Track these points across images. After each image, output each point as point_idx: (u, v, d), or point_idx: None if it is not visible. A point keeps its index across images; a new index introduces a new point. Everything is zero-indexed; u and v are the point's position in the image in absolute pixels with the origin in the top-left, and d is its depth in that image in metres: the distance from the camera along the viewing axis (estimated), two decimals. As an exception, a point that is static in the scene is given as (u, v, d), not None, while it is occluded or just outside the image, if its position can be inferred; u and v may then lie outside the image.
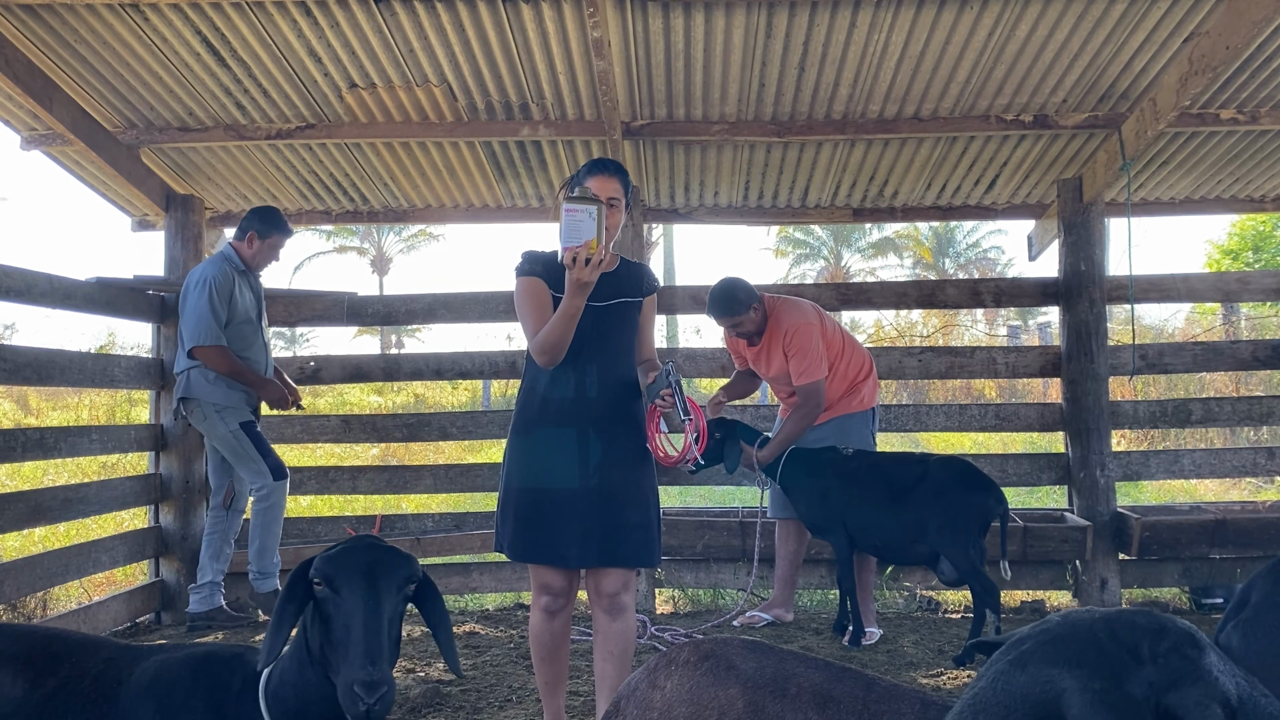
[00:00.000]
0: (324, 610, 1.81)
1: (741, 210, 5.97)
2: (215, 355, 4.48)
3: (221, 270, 4.57)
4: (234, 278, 4.62)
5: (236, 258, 4.69)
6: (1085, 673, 1.10)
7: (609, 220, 2.77)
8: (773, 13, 4.23)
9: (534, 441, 2.82)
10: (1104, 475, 5.11)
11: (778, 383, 4.62)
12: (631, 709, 1.82)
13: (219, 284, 4.52)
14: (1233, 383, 11.22)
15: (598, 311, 2.80)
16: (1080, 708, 1.08)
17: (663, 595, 5.36)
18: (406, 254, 40.61)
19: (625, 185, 2.89)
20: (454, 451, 10.76)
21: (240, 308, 4.62)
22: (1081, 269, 5.21)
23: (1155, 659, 1.10)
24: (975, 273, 35.71)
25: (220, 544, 4.72)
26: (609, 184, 2.82)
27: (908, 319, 16.18)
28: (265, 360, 4.75)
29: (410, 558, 1.90)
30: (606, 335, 2.84)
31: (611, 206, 2.80)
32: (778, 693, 1.65)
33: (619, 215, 2.85)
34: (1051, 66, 4.59)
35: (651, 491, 2.90)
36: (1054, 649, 1.13)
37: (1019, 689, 1.13)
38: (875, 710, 1.58)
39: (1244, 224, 14.67)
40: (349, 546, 1.86)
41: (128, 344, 17.83)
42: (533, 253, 2.89)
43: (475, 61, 4.55)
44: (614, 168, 2.87)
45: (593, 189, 2.79)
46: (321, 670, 1.82)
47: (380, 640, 1.75)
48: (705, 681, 1.72)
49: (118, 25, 4.29)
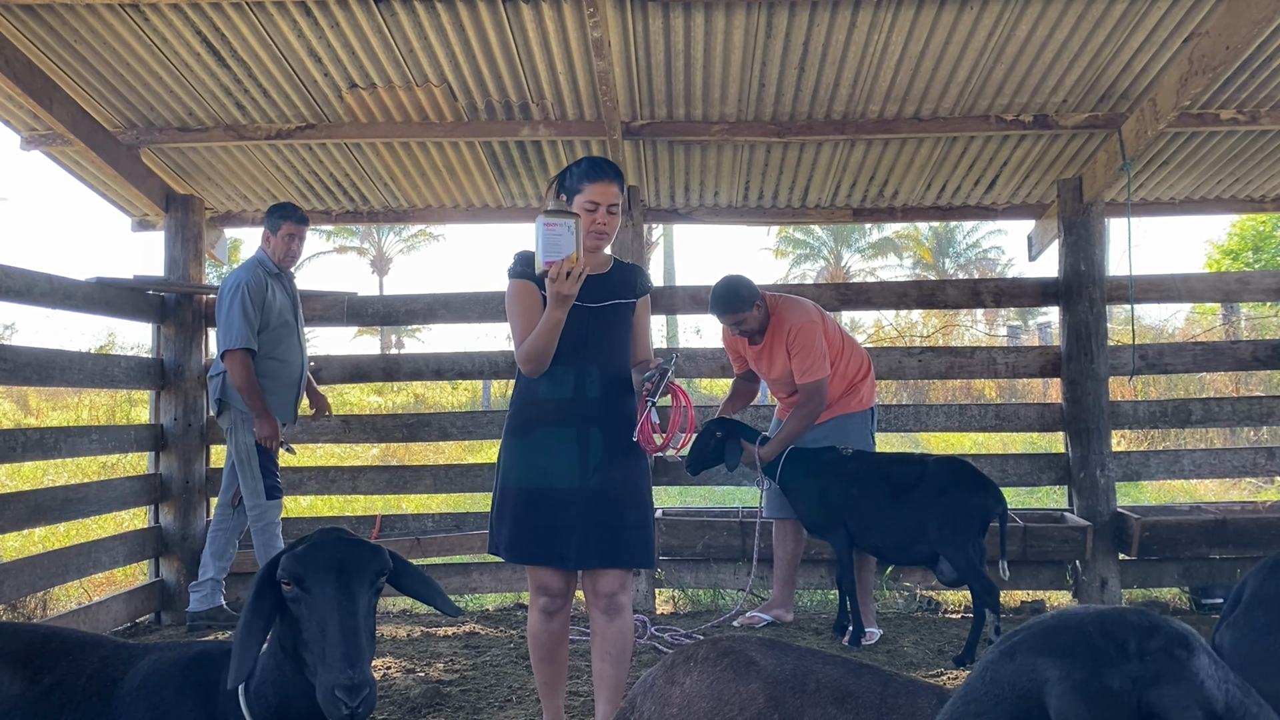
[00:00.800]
0: (295, 610, 1.76)
1: (741, 210, 5.97)
2: (237, 361, 4.50)
3: (254, 274, 4.62)
4: (266, 281, 4.65)
5: (268, 260, 4.73)
6: (1069, 662, 1.10)
7: (608, 225, 2.79)
8: (773, 13, 4.23)
9: (531, 442, 2.80)
10: (1104, 475, 5.11)
11: (778, 384, 4.61)
12: (648, 705, 1.82)
13: (251, 288, 4.56)
14: (1233, 383, 11.22)
15: (591, 313, 2.79)
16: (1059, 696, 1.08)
17: (663, 595, 5.36)
18: (406, 254, 40.63)
19: (623, 188, 2.87)
20: (454, 451, 10.76)
21: (274, 310, 4.66)
22: (1081, 269, 5.21)
23: (1142, 655, 1.09)
24: (975, 273, 35.70)
25: (225, 543, 4.73)
26: (609, 189, 2.78)
27: (908, 319, 16.18)
28: (300, 363, 4.79)
29: (379, 549, 1.84)
30: (601, 336, 2.82)
31: (611, 213, 2.79)
32: (798, 688, 1.67)
33: (617, 220, 2.84)
34: (1051, 66, 4.59)
35: (648, 491, 2.90)
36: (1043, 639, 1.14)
37: (1007, 677, 1.14)
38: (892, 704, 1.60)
39: (1244, 224, 14.67)
40: (317, 542, 1.79)
41: (128, 344, 17.86)
42: (525, 253, 2.85)
43: (475, 61, 4.55)
44: (614, 172, 2.82)
45: (594, 195, 2.76)
46: (297, 667, 1.78)
47: (358, 640, 1.69)
48: (726, 677, 1.74)
49: (118, 25, 4.28)
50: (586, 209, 2.77)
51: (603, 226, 2.79)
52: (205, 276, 5.53)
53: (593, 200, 2.77)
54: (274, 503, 4.67)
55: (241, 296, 4.51)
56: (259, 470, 4.61)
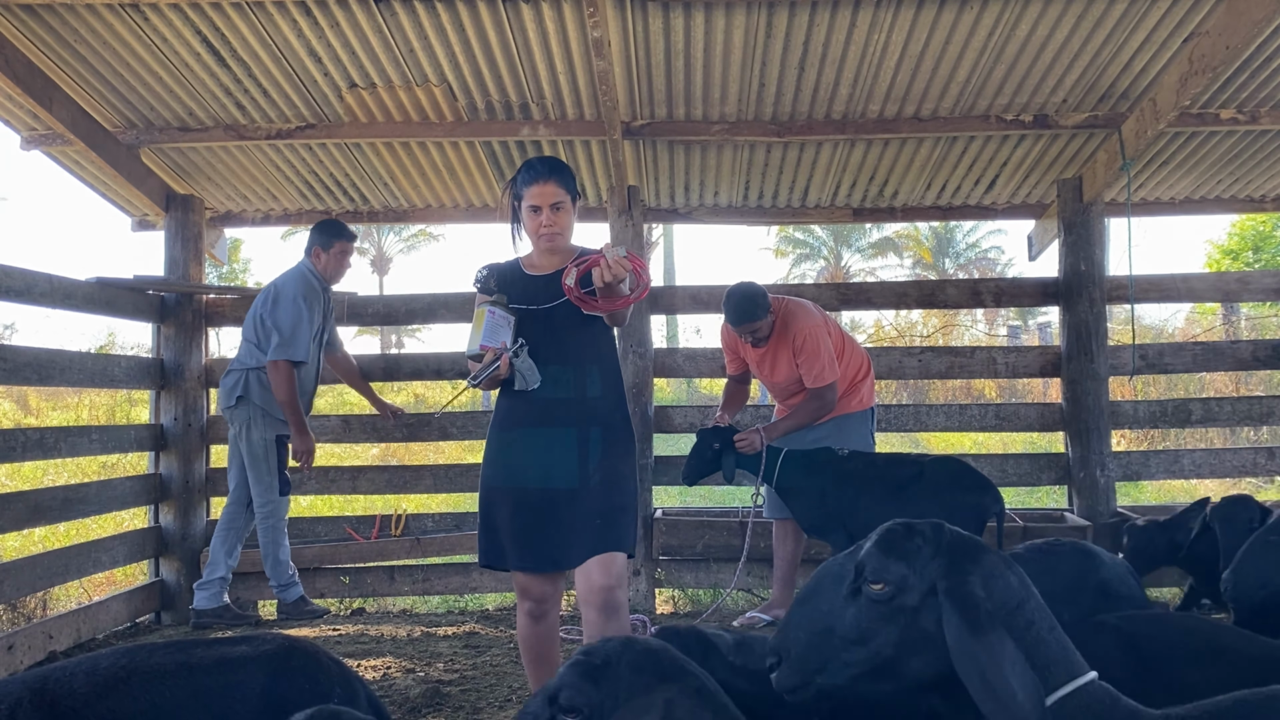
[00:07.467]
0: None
1: (741, 210, 5.97)
2: (284, 373, 4.52)
3: (310, 285, 4.68)
4: (319, 292, 4.72)
5: (317, 275, 4.78)
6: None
7: (555, 222, 2.78)
8: (773, 13, 4.23)
9: (509, 440, 2.80)
10: (1104, 475, 5.11)
11: (779, 388, 4.60)
12: None
13: (309, 301, 4.62)
14: (1233, 383, 11.22)
15: (546, 314, 2.78)
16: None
17: (662, 595, 5.36)
18: (406, 254, 40.64)
19: (566, 181, 2.80)
20: (454, 451, 10.76)
21: (316, 326, 4.72)
22: (1081, 269, 5.21)
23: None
24: (975, 273, 35.68)
25: (235, 541, 4.75)
26: (546, 189, 2.75)
27: (908, 319, 16.19)
28: (314, 376, 4.82)
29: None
30: (559, 334, 2.79)
31: (556, 210, 2.77)
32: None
33: (567, 216, 2.81)
34: (1051, 66, 4.59)
35: (630, 479, 2.85)
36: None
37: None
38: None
39: (1244, 224, 14.67)
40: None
41: (128, 344, 17.84)
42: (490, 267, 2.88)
43: (475, 61, 4.55)
44: (549, 169, 2.77)
45: (533, 198, 2.76)
46: None
47: None
48: None
49: (118, 25, 4.28)
50: (529, 213, 2.79)
51: (550, 228, 2.78)
52: (205, 276, 5.53)
53: (532, 204, 2.78)
54: (284, 499, 4.71)
55: (306, 309, 4.58)
56: (275, 466, 4.65)
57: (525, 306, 2.79)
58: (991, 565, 1.56)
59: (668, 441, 7.66)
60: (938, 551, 1.58)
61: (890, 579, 1.56)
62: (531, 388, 2.74)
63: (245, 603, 5.08)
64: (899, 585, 1.55)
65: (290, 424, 4.59)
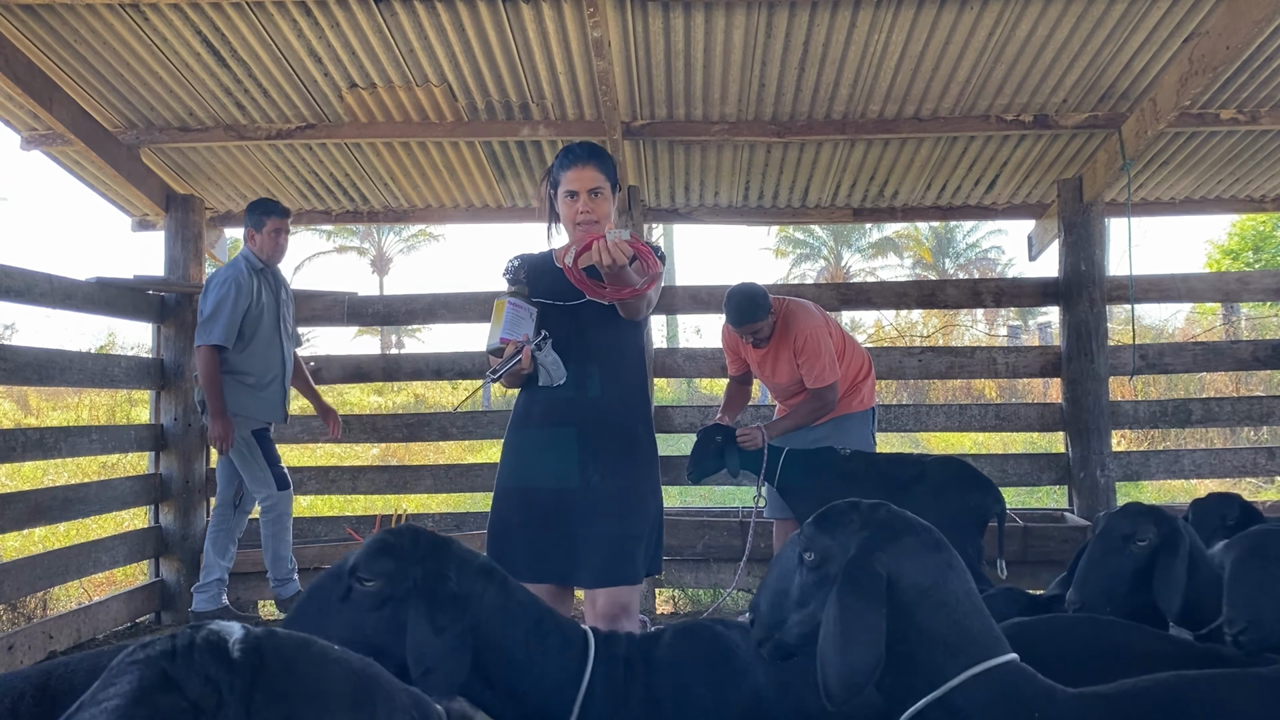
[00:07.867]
0: None
1: (741, 210, 5.97)
2: (203, 357, 4.46)
3: (239, 271, 4.58)
4: (253, 278, 4.62)
5: (253, 256, 4.70)
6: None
7: (593, 210, 2.65)
8: (773, 13, 4.23)
9: (529, 439, 2.69)
10: (1104, 475, 5.11)
11: (780, 389, 4.60)
12: None
13: (238, 284, 4.53)
14: (1233, 383, 11.23)
15: (571, 311, 2.66)
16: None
17: (663, 595, 5.36)
18: (406, 254, 40.57)
19: (606, 167, 2.68)
20: (454, 451, 10.77)
21: (263, 309, 4.63)
22: (1081, 269, 5.21)
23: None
24: (975, 273, 35.68)
25: (226, 542, 4.72)
26: (584, 173, 2.64)
27: (908, 319, 16.19)
28: (285, 360, 4.73)
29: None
30: (584, 333, 2.68)
31: (595, 197, 2.65)
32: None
33: (606, 203, 2.69)
34: (1051, 66, 4.59)
35: (653, 494, 2.71)
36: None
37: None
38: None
39: (1244, 224, 14.68)
40: None
41: (128, 344, 17.85)
42: (521, 256, 2.79)
43: (475, 61, 4.55)
44: (587, 153, 2.66)
45: (570, 183, 2.65)
46: None
47: None
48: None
49: (118, 25, 4.29)
50: (566, 200, 2.68)
51: (587, 215, 2.65)
52: (205, 276, 5.53)
53: (570, 189, 2.66)
54: (285, 493, 4.64)
55: (231, 293, 4.48)
56: (264, 460, 4.59)
57: (550, 301, 2.66)
58: (911, 545, 1.64)
59: (668, 441, 7.63)
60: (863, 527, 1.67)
61: (816, 549, 1.68)
62: (557, 383, 2.62)
63: (245, 603, 5.08)
64: (823, 555, 1.67)
65: (209, 407, 4.48)
